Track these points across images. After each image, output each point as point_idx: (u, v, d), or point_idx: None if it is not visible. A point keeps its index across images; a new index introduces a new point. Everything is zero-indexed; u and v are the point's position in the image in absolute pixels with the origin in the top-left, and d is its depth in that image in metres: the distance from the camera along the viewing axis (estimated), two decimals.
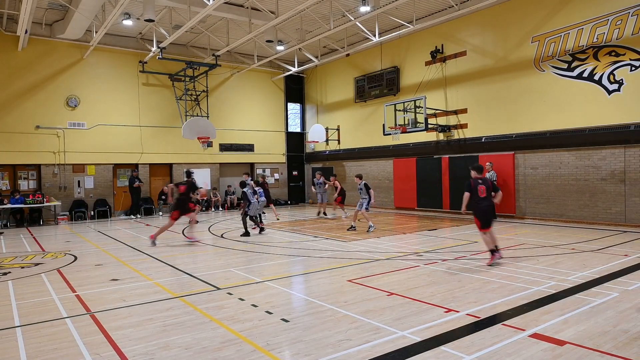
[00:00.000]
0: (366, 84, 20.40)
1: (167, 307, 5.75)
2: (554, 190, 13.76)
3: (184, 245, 11.13)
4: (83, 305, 5.90)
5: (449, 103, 16.96)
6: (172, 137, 20.07)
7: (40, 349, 4.43)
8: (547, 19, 13.83)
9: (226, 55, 20.64)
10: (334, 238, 11.49)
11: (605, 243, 9.76)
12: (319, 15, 16.77)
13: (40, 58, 17.31)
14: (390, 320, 5.03)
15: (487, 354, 4.05)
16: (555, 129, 13.67)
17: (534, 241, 10.07)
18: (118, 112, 18.99)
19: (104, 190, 18.78)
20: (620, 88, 12.28)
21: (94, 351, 4.33)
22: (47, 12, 16.22)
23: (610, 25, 12.41)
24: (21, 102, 16.95)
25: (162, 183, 20.40)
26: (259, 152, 23.07)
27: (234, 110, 22.26)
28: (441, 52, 17.03)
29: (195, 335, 4.69)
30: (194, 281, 7.17)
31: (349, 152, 21.75)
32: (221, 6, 14.81)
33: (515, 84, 14.75)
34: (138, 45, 19.35)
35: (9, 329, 5.04)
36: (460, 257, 8.53)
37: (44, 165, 17.51)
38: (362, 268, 7.82)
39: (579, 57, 13.13)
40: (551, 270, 7.28)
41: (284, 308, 5.63)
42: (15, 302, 6.15)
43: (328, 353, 4.16)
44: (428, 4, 16.00)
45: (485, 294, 5.98)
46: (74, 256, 9.73)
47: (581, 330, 4.58)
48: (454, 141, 16.77)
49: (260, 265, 8.47)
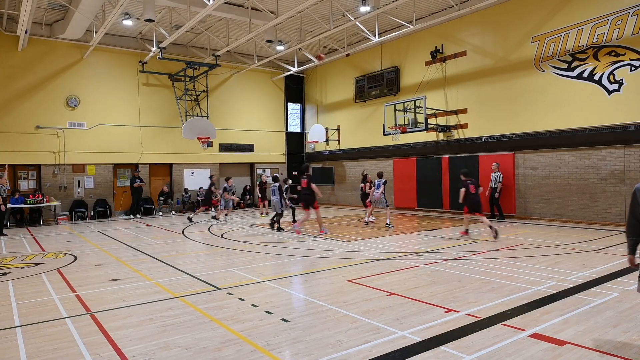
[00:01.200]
0: (366, 84, 20.40)
1: (167, 307, 5.75)
2: (554, 190, 13.76)
3: (185, 245, 11.13)
4: (83, 305, 5.91)
5: (449, 103, 16.96)
6: (172, 137, 20.08)
7: (40, 349, 4.43)
8: (547, 19, 13.83)
9: (226, 55, 20.64)
10: (333, 238, 11.49)
11: (605, 243, 9.76)
12: (319, 15, 16.77)
13: (40, 58, 17.31)
14: (390, 320, 5.03)
15: (487, 354, 4.05)
16: (555, 129, 13.67)
17: (534, 241, 10.07)
18: (118, 112, 19.00)
19: (104, 190, 18.78)
20: (620, 88, 12.28)
21: (94, 351, 4.33)
22: (47, 12, 16.22)
23: (610, 25, 12.41)
24: (21, 102, 16.96)
25: (162, 183, 20.41)
26: (259, 152, 23.07)
27: (234, 110, 22.27)
28: (441, 52, 17.03)
29: (195, 335, 4.69)
30: (194, 281, 7.17)
31: (349, 152, 21.75)
32: (221, 6, 14.82)
33: (515, 84, 14.75)
34: (138, 45, 19.35)
35: (9, 329, 5.04)
36: (461, 257, 8.52)
37: (44, 165, 17.51)
38: (362, 268, 7.82)
39: (579, 57, 13.13)
40: (551, 270, 7.28)
41: (284, 308, 5.63)
42: (15, 302, 6.15)
43: (328, 353, 4.16)
44: (428, 4, 16.00)
45: (485, 294, 5.98)
46: (74, 256, 9.74)
47: (581, 330, 4.58)
48: (454, 141, 16.77)
49: (260, 265, 8.47)
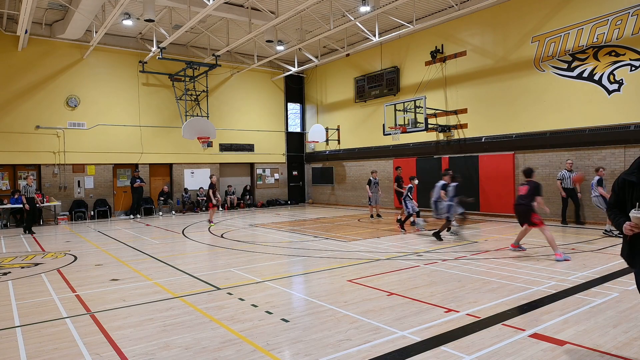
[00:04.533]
0: (366, 84, 20.40)
1: (167, 307, 5.75)
2: (554, 190, 13.75)
3: (185, 245, 11.13)
4: (83, 305, 5.90)
5: (449, 103, 16.96)
6: (172, 137, 20.08)
7: (40, 349, 4.43)
8: (547, 19, 13.83)
9: (226, 55, 20.64)
10: (333, 238, 11.49)
11: (605, 243, 9.76)
12: (319, 15, 16.77)
13: (40, 58, 17.31)
14: (390, 320, 5.03)
15: (487, 354, 4.05)
16: (555, 129, 13.67)
17: (534, 241, 10.06)
18: (118, 112, 18.99)
19: (103, 190, 18.77)
20: (620, 88, 12.28)
21: (94, 351, 4.33)
22: (47, 12, 16.22)
23: (610, 25, 12.41)
24: (21, 102, 16.96)
25: (162, 183, 20.41)
26: (259, 152, 23.07)
27: (234, 110, 22.27)
28: (441, 52, 17.03)
29: (196, 335, 4.69)
30: (194, 281, 7.17)
31: (349, 152, 21.75)
32: (221, 6, 14.82)
33: (515, 84, 14.75)
34: (138, 45, 19.35)
35: (9, 329, 5.04)
36: (460, 257, 8.52)
37: (44, 165, 17.51)
38: (362, 268, 7.82)
39: (579, 57, 13.13)
40: (551, 270, 7.28)
41: (284, 308, 5.63)
42: (15, 302, 6.15)
43: (328, 353, 4.16)
44: (428, 4, 16.00)
45: (485, 294, 5.98)
46: (74, 256, 9.73)
47: (581, 330, 4.58)
48: (454, 141, 16.77)
49: (260, 265, 8.46)
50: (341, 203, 22.27)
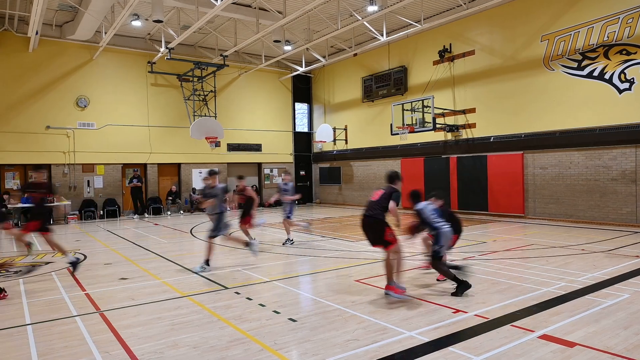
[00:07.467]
0: (374, 83, 20.36)
1: (176, 306, 5.78)
2: (563, 190, 13.63)
3: (193, 244, 11.18)
4: (93, 304, 5.96)
5: (457, 102, 16.87)
6: (180, 137, 20.18)
7: (50, 346, 4.48)
8: (557, 18, 13.70)
9: (234, 55, 20.69)
10: (341, 238, 11.48)
11: (616, 244, 9.65)
12: (326, 15, 16.76)
13: (50, 59, 17.48)
14: (398, 320, 5.01)
15: (495, 355, 4.02)
16: (565, 129, 13.54)
17: (544, 242, 9.98)
18: (127, 112, 19.13)
19: (113, 190, 18.92)
20: (632, 87, 12.13)
21: (103, 349, 4.37)
22: (57, 14, 16.37)
23: (621, 24, 12.26)
24: (32, 103, 17.14)
25: (171, 183, 20.52)
26: (266, 152, 23.11)
27: (242, 110, 22.33)
28: (449, 52, 16.94)
29: (203, 334, 4.71)
30: (202, 280, 7.20)
31: (356, 152, 21.72)
32: (229, 6, 14.86)
33: (524, 83, 14.63)
34: (146, 46, 19.47)
35: (20, 327, 5.10)
36: (469, 258, 8.47)
37: (54, 165, 17.69)
38: (370, 268, 7.80)
39: (589, 55, 13.00)
40: (561, 271, 7.22)
41: (291, 308, 5.63)
42: (26, 300, 6.22)
43: (335, 353, 4.16)
44: (436, 3, 15.91)
45: (494, 295, 5.94)
46: (83, 255, 9.82)
47: (591, 331, 4.54)
48: (462, 141, 16.68)
49: (268, 265, 8.48)
50: (349, 203, 22.25)
